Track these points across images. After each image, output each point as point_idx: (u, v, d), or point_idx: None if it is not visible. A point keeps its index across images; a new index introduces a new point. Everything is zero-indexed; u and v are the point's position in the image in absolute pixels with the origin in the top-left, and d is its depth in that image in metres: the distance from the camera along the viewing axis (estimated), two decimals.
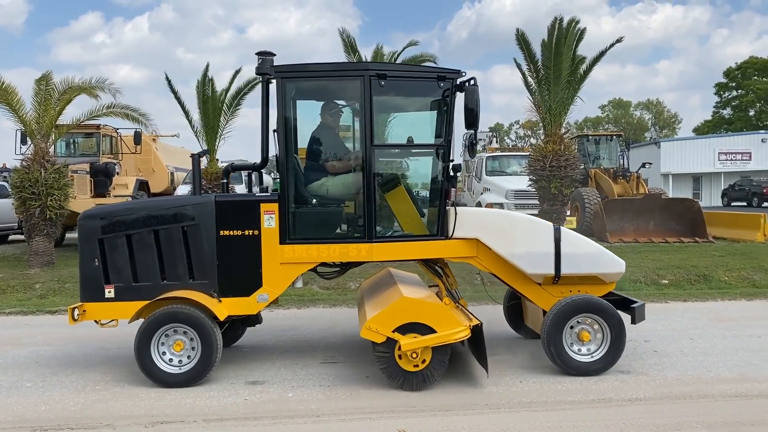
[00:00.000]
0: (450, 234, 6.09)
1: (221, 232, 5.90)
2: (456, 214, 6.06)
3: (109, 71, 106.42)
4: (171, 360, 5.71)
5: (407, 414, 4.99)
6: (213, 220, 5.90)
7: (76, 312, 5.86)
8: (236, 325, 6.99)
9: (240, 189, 17.23)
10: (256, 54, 6.08)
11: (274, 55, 6.07)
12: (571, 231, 6.17)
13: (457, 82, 6.07)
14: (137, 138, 16.53)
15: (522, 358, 6.48)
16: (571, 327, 5.87)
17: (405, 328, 5.41)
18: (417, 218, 6.41)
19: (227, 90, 14.27)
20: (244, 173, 20.02)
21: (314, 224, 6.23)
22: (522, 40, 14.07)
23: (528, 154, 17.36)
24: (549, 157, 14.45)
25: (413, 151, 6.89)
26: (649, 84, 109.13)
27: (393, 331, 5.39)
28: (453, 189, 6.25)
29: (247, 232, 5.91)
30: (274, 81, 6.00)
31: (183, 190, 17.08)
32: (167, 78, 14.38)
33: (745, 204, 39.82)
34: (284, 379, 5.90)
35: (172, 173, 19.68)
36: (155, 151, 19.40)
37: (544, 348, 5.91)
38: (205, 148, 13.94)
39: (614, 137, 21.85)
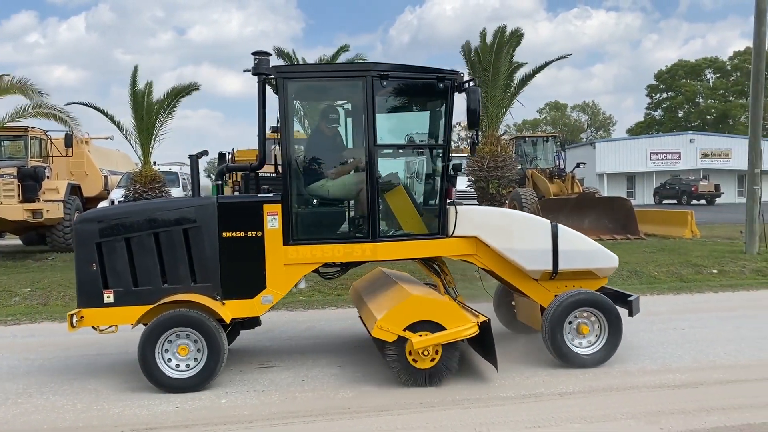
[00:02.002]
0: (451, 233, 6.17)
1: (224, 234, 5.83)
2: (456, 212, 6.15)
3: (42, 72, 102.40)
4: (177, 365, 5.59)
5: (342, 416, 4.98)
6: (215, 222, 5.82)
7: (75, 318, 5.67)
8: (235, 328, 6.85)
9: (176, 192, 16.88)
10: (252, 54, 6.05)
11: (270, 55, 6.06)
12: (567, 228, 6.31)
13: (455, 83, 6.17)
14: (68, 140, 15.96)
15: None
16: (570, 321, 6.03)
17: (415, 326, 5.44)
18: (416, 217, 6.44)
19: (172, 94, 13.89)
20: (181, 176, 19.69)
21: (318, 225, 6.24)
22: (467, 51, 14.40)
23: (467, 155, 17.66)
24: (486, 158, 14.72)
25: (413, 150, 6.98)
26: (584, 87, 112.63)
27: (404, 330, 5.42)
28: (453, 188, 6.34)
29: (250, 234, 5.85)
30: (271, 81, 5.98)
31: (117, 194, 16.58)
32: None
33: (675, 202, 41.49)
34: (218, 384, 5.78)
35: (106, 177, 19.07)
36: (88, 154, 18.76)
37: (545, 342, 6.06)
38: (139, 150, 13.58)
39: (550, 138, 22.43)
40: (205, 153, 7.62)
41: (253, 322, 6.73)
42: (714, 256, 13.20)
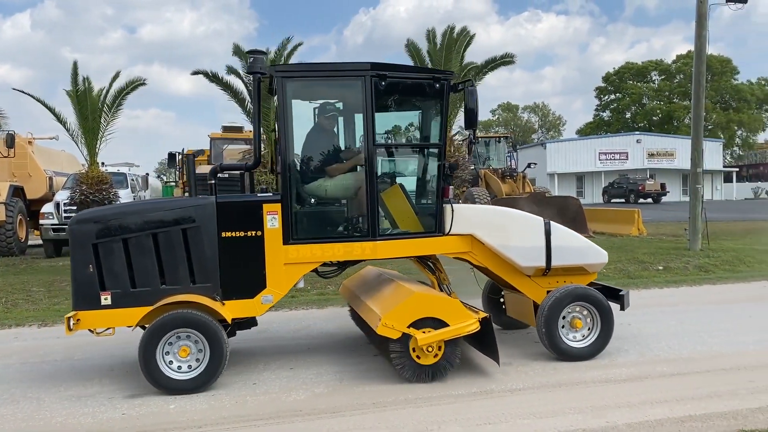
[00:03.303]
0: (447, 231, 6.24)
1: (223, 234, 5.78)
2: (453, 211, 6.22)
3: None
4: (178, 366, 5.51)
5: (294, 418, 4.93)
6: (214, 222, 5.76)
7: (72, 321, 5.50)
8: (231, 329, 6.71)
9: (124, 193, 16.48)
10: (248, 53, 6.01)
11: (266, 53, 6.00)
12: (559, 225, 6.43)
13: (451, 83, 6.25)
14: (10, 141, 15.45)
15: None
16: (564, 316, 6.18)
17: (418, 323, 5.48)
18: (413, 216, 6.47)
19: (116, 92, 13.46)
20: (130, 177, 19.23)
21: (319, 224, 6.25)
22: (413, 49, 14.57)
23: None
24: None
25: (410, 150, 7.06)
26: (535, 88, 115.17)
27: (408, 327, 5.46)
28: (450, 187, 6.41)
29: (249, 233, 5.81)
30: (266, 80, 5.98)
31: (62, 195, 16.08)
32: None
33: (623, 200, 42.60)
34: None
35: (50, 178, 18.47)
36: (31, 154, 18.12)
37: (540, 337, 6.21)
38: (85, 151, 13.19)
39: (502, 139, 22.79)
40: (201, 152, 7.51)
41: (249, 322, 6.63)
42: (659, 253, 13.61)
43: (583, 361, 6.20)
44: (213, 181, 6.45)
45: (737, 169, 58.68)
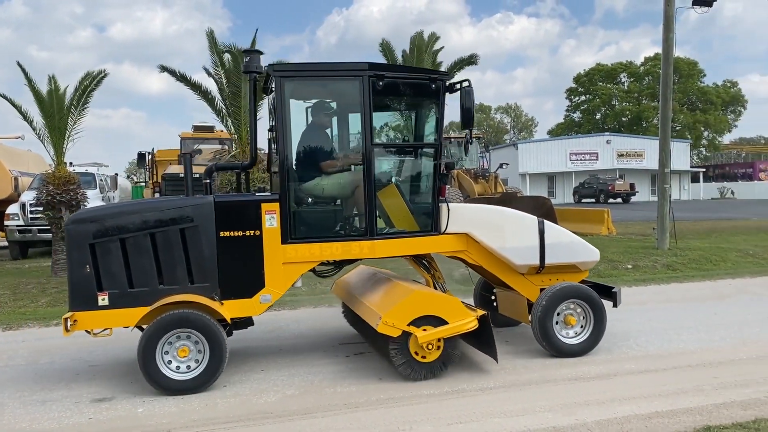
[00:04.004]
0: (443, 230, 6.28)
1: (221, 234, 5.76)
2: (448, 210, 6.26)
3: None
4: (178, 367, 5.47)
5: (264, 421, 4.89)
6: (212, 222, 5.72)
7: (69, 322, 5.39)
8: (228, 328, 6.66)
9: (92, 194, 16.20)
10: (243, 52, 5.99)
11: (262, 53, 6.04)
12: (552, 224, 6.50)
13: (447, 84, 6.28)
14: None
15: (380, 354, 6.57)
16: (558, 313, 6.27)
17: (418, 321, 5.54)
18: (408, 215, 6.47)
19: (81, 89, 13.14)
20: (98, 177, 18.89)
21: (317, 223, 6.23)
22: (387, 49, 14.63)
23: None
24: None
25: (407, 149, 7.07)
26: (507, 90, 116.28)
27: (408, 325, 5.50)
28: (447, 186, 6.46)
29: (248, 233, 5.81)
30: (261, 80, 5.97)
31: (28, 196, 15.75)
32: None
33: (593, 200, 43.15)
34: (134, 393, 5.57)
35: (16, 178, 18.08)
36: None
37: (535, 334, 6.29)
38: (51, 151, 12.90)
39: (474, 140, 22.88)
40: (198, 152, 7.40)
41: (246, 322, 6.58)
42: (629, 252, 13.81)
43: (551, 360, 6.26)
44: (207, 181, 6.40)
45: (704, 170, 59.84)
